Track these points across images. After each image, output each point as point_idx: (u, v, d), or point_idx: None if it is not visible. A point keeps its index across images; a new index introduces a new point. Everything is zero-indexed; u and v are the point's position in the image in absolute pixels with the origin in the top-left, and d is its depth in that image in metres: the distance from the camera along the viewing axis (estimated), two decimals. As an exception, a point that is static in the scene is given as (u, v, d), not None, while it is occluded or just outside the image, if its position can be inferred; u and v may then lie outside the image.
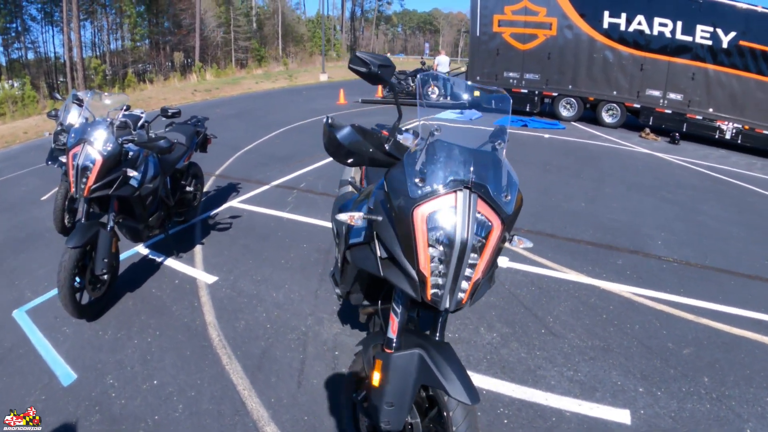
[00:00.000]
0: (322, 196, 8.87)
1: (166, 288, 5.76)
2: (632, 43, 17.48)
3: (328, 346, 4.63)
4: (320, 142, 2.68)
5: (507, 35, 19.36)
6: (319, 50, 62.39)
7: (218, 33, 55.66)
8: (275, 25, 67.69)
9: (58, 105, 12.72)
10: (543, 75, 19.24)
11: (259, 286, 5.73)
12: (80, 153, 4.94)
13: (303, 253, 6.56)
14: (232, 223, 7.53)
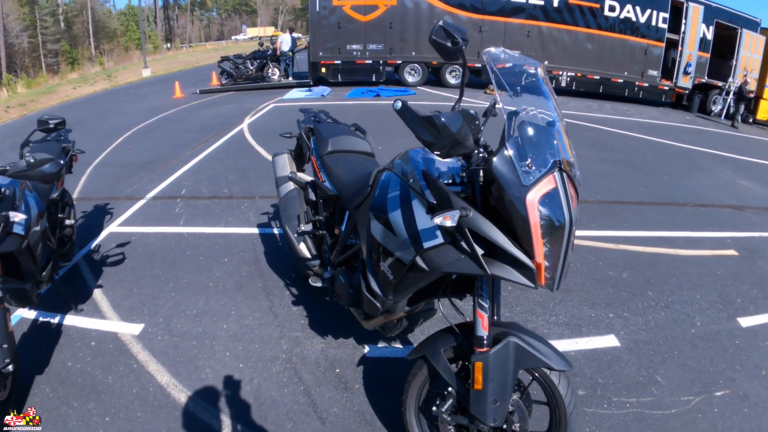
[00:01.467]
0: (213, 200, 8.07)
1: (85, 355, 4.51)
2: (470, 8, 18.89)
3: (323, 366, 4.20)
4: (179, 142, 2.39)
5: (347, 8, 19.51)
6: (135, 44, 59.93)
7: (24, 38, 51.60)
8: (85, 22, 63.74)
9: None
10: (386, 44, 19.71)
11: (200, 321, 4.88)
12: None
13: (228, 269, 5.82)
14: (123, 252, 6.32)
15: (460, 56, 2.56)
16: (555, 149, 2.27)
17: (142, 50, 40.97)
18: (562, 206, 2.18)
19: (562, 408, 2.59)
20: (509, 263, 2.27)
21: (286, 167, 4.95)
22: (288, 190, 4.75)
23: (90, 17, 64.17)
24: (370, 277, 3.00)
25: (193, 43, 78.81)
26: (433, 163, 2.68)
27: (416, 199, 2.57)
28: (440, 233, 2.41)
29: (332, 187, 4.02)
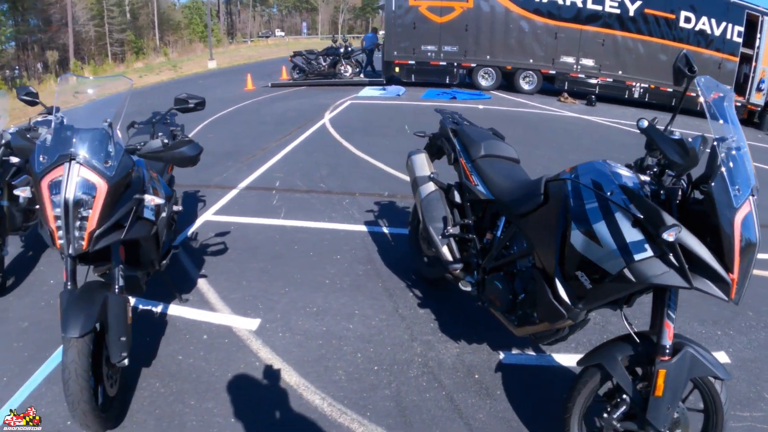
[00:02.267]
0: (311, 194, 7.82)
1: (197, 349, 4.28)
2: (546, 14, 18.23)
3: (461, 372, 3.94)
4: (259, 133, 2.39)
5: (423, 8, 19.24)
6: (198, 37, 60.76)
7: (91, 27, 52.63)
8: (150, 14, 64.98)
9: None
10: (461, 47, 19.33)
11: (322, 319, 4.62)
12: (66, 180, 3.10)
13: (343, 267, 5.55)
14: (224, 242, 6.10)
15: (686, 83, 2.77)
16: (750, 174, 2.44)
17: (209, 42, 41.35)
18: (755, 227, 2.36)
19: (720, 415, 2.69)
20: (708, 277, 2.41)
21: (425, 167, 4.74)
22: (429, 191, 4.54)
23: (155, 9, 65.26)
24: (559, 284, 2.98)
25: (254, 38, 79.56)
26: (620, 177, 2.78)
27: (619, 212, 2.63)
28: (649, 246, 2.52)
29: (486, 192, 3.95)
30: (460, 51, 19.31)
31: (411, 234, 5.37)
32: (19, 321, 4.98)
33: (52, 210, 3.11)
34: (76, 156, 3.15)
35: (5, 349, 4.57)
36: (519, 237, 3.59)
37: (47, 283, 5.68)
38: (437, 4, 19.01)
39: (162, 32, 66.50)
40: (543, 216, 3.22)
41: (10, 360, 4.38)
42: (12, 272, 5.84)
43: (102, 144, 3.26)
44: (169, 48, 55.50)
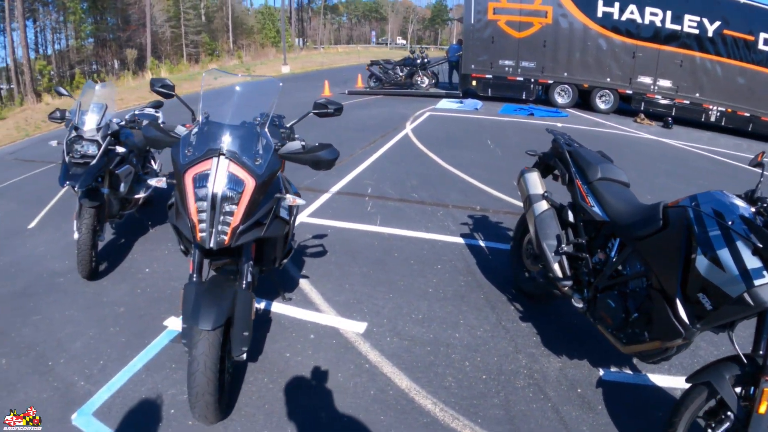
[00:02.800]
0: (403, 203, 7.93)
1: (304, 348, 4.42)
2: (624, 32, 17.83)
3: (564, 385, 3.99)
4: (342, 140, 2.61)
5: (502, 23, 19.10)
6: (270, 42, 61.59)
7: (167, 28, 53.92)
8: (224, 17, 66.22)
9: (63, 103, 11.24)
10: (538, 63, 19.13)
11: (429, 326, 4.70)
12: (213, 174, 3.17)
13: (444, 277, 5.62)
14: (322, 244, 6.34)
15: None
16: None
17: (283, 47, 41.85)
18: None
19: None
20: None
21: (538, 186, 4.84)
22: (543, 209, 4.63)
23: (230, 14, 66.49)
24: (680, 305, 3.12)
25: (324, 45, 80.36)
26: (737, 207, 2.97)
27: (740, 240, 2.82)
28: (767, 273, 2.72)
29: (602, 213, 4.03)
30: (538, 67, 19.10)
31: (513, 249, 5.43)
32: (115, 306, 5.29)
33: (194, 202, 3.18)
34: (225, 151, 3.25)
35: (101, 332, 4.85)
36: (633, 258, 3.67)
37: (142, 271, 6.00)
38: (516, 18, 18.86)
39: (235, 36, 67.74)
40: (663, 240, 3.33)
41: (107, 344, 4.65)
42: (104, 258, 6.24)
43: (252, 141, 3.39)
44: (243, 51, 56.51)
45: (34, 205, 8.88)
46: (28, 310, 5.41)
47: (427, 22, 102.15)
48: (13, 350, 4.73)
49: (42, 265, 6.46)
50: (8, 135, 18.48)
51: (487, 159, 10.21)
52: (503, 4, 18.93)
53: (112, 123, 6.18)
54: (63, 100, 25.59)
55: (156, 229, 7.28)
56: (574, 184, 4.39)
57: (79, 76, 39.65)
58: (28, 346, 4.74)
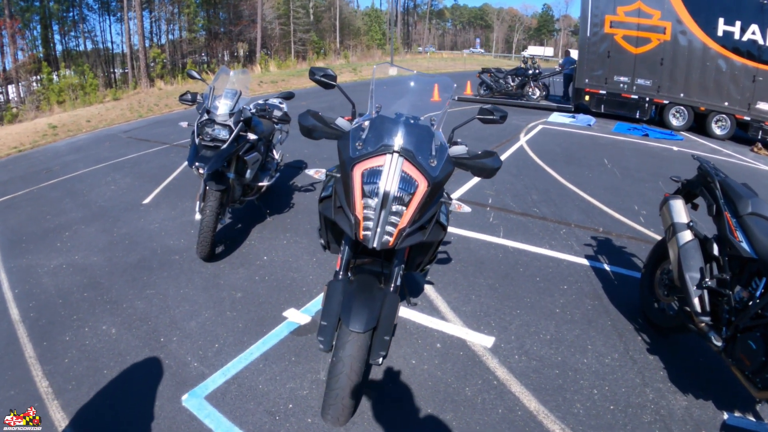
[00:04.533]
0: (525, 217, 7.84)
1: (431, 357, 4.42)
2: (745, 53, 16.76)
3: (690, 426, 3.85)
4: None
5: (619, 37, 18.52)
6: (376, 44, 62.10)
7: (276, 24, 55.15)
8: (332, 18, 67.30)
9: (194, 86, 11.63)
10: (654, 81, 18.33)
11: (557, 348, 4.64)
12: (387, 172, 3.06)
13: (570, 298, 5.55)
14: (446, 251, 6.34)
15: None
16: None
17: (390, 50, 42.25)
18: None
19: None
20: None
21: (683, 214, 4.67)
22: (687, 239, 4.45)
23: (337, 14, 67.49)
24: None
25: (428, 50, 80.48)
26: None
27: None
28: None
29: (751, 250, 3.85)
30: (654, 86, 18.31)
31: (644, 277, 5.31)
32: (233, 290, 5.57)
33: (361, 199, 3.07)
34: (400, 149, 3.12)
35: (218, 314, 5.10)
36: None
37: (261, 259, 6.27)
38: (634, 33, 18.19)
39: (342, 36, 68.74)
40: None
41: (224, 327, 4.87)
42: (221, 242, 6.64)
43: (428, 141, 3.26)
44: (349, 51, 57.21)
45: (149, 182, 9.45)
46: (142, 283, 5.79)
47: (533, 32, 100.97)
48: (125, 321, 5.05)
49: (156, 240, 6.86)
50: (122, 115, 19.48)
51: (606, 179, 9.97)
52: (621, 18, 18.33)
53: (245, 110, 6.40)
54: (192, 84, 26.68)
55: (274, 218, 7.52)
56: (723, 216, 4.23)
57: (190, 65, 41.06)
58: (140, 319, 5.06)
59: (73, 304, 5.44)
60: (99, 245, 6.87)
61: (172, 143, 13.20)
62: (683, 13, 17.35)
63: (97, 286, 5.78)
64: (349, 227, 3.16)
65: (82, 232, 7.37)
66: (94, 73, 37.48)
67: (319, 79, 3.89)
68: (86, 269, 6.22)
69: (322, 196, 3.58)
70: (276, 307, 5.19)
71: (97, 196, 8.96)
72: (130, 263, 6.28)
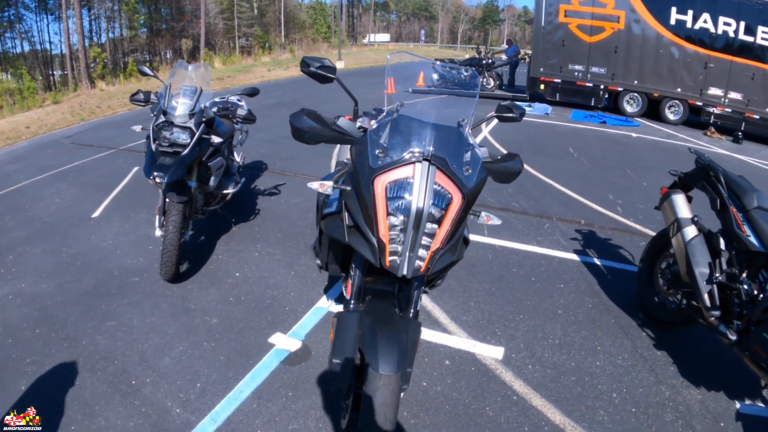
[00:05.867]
0: (507, 212, 7.61)
1: (442, 376, 4.08)
2: (698, 41, 17.29)
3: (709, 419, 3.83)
4: None
5: (573, 26, 18.71)
6: (322, 37, 61.83)
7: (220, 20, 54.47)
8: (276, 11, 66.71)
9: (146, 85, 10.91)
10: (609, 69, 18.67)
11: (568, 353, 4.46)
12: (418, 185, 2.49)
13: (570, 297, 5.37)
14: None
15: None
16: None
17: (338, 43, 42.06)
18: None
19: None
20: None
21: (686, 209, 4.62)
22: (693, 234, 4.38)
23: (282, 8, 66.93)
24: None
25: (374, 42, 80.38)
26: None
27: None
28: None
29: (759, 244, 3.88)
30: (608, 73, 18.64)
31: (642, 272, 5.22)
32: (206, 316, 4.95)
33: (386, 218, 2.51)
34: (431, 156, 2.53)
35: (193, 346, 4.50)
36: None
37: (232, 276, 5.70)
38: (588, 22, 18.40)
39: (287, 30, 68.17)
40: None
41: (203, 362, 4.29)
42: (184, 258, 5.88)
43: (461, 146, 2.69)
44: (294, 45, 56.70)
45: (97, 192, 8.65)
46: (101, 314, 5.04)
47: (477, 22, 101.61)
48: (87, 362, 4.34)
49: (112, 260, 6.14)
50: (63, 119, 18.75)
51: (575, 168, 9.93)
52: (575, 7, 18.51)
53: (207, 109, 5.72)
54: (145, 83, 25.80)
55: (240, 227, 6.98)
56: (728, 210, 4.18)
57: (132, 64, 40.10)
58: (105, 359, 4.36)
59: (25, 343, 4.64)
60: (47, 269, 6.03)
61: (118, 147, 12.41)
62: (637, 2, 17.68)
63: (50, 320, 4.96)
64: (370, 252, 2.58)
65: (27, 255, 6.46)
66: (32, 75, 36.50)
67: (314, 72, 3.22)
68: (36, 299, 5.36)
69: (326, 213, 3.10)
70: (259, 333, 4.66)
71: (41, 211, 8.05)
72: (85, 289, 5.51)
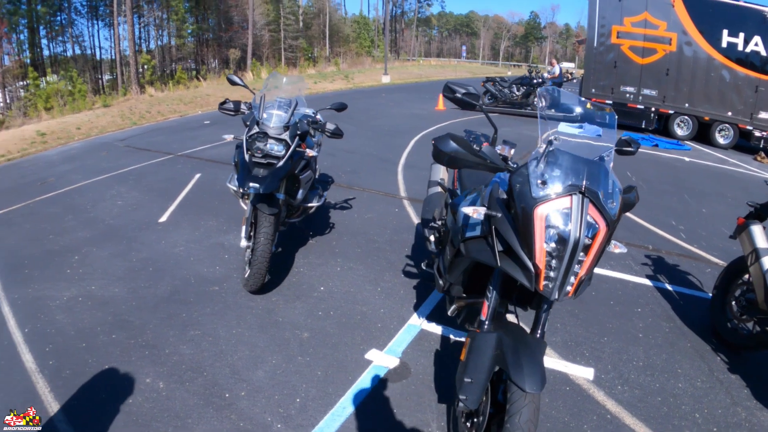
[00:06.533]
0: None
1: (542, 396, 4.25)
2: (749, 65, 17.00)
3: None
4: None
5: (625, 47, 18.68)
6: (365, 51, 62.12)
7: (266, 31, 55.09)
8: (321, 24, 67.39)
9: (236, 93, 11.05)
10: (660, 91, 18.53)
11: (652, 374, 4.59)
12: (576, 216, 2.66)
13: (648, 321, 5.49)
14: None
15: None
16: None
17: (384, 57, 42.33)
18: None
19: None
20: None
21: (764, 240, 4.78)
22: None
23: (327, 21, 67.54)
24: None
25: (416, 57, 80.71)
26: None
27: None
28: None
29: None
30: (659, 96, 18.51)
31: (716, 298, 5.35)
32: (296, 329, 5.00)
33: (543, 245, 2.68)
34: (586, 189, 2.69)
35: (287, 360, 4.53)
36: None
37: (317, 290, 5.76)
38: (640, 44, 18.35)
39: (332, 43, 68.79)
40: None
41: (300, 377, 4.30)
42: None
43: (606, 180, 2.81)
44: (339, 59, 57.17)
45: (160, 197, 8.80)
46: (183, 322, 5.08)
47: (519, 39, 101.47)
48: (173, 372, 4.33)
49: (186, 267, 6.21)
50: (113, 122, 19.18)
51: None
52: (627, 28, 18.47)
53: (302, 122, 5.80)
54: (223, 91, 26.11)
55: (317, 241, 7.06)
56: None
57: (180, 71, 40.90)
58: (192, 369, 4.36)
59: (101, 348, 4.64)
60: (117, 273, 6.12)
61: (175, 153, 12.72)
62: (689, 24, 17.53)
63: (126, 326, 5.00)
64: (525, 277, 2.74)
65: (93, 256, 6.58)
66: (83, 78, 37.16)
67: (459, 98, 3.45)
68: (108, 303, 5.43)
69: (469, 236, 3.20)
70: (354, 349, 4.70)
71: (103, 213, 8.23)
72: (161, 296, 5.57)
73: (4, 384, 4.27)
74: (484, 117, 3.65)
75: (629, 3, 18.30)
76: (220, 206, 8.49)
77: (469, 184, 4.28)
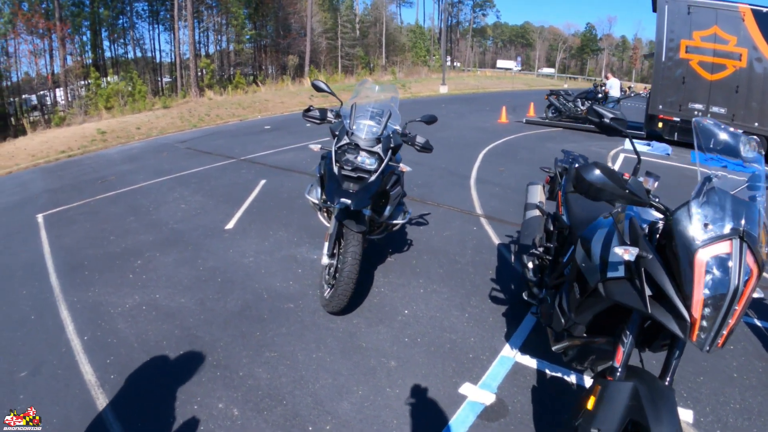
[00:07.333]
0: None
1: None
2: None
3: None
4: None
5: (694, 63, 18.03)
6: (421, 60, 62.12)
7: (324, 39, 55.56)
8: (377, 33, 67.72)
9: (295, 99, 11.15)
10: (729, 109, 17.77)
11: (749, 418, 4.29)
12: (737, 262, 2.41)
13: (741, 361, 5.17)
14: None
15: None
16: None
17: (443, 67, 42.32)
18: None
19: None
20: None
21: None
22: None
23: (384, 30, 67.80)
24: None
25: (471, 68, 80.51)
26: None
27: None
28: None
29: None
30: (728, 114, 17.69)
31: None
32: (382, 357, 4.68)
33: (701, 292, 2.45)
34: (744, 234, 2.46)
35: (374, 391, 4.24)
36: None
37: (401, 313, 5.46)
38: (709, 59, 17.65)
39: (388, 51, 69.02)
40: None
41: (390, 411, 4.01)
42: None
43: (759, 223, 2.56)
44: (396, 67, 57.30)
45: (225, 202, 8.66)
46: (257, 342, 4.85)
47: (575, 51, 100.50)
48: (248, 398, 4.09)
49: (257, 280, 5.97)
50: (173, 123, 19.50)
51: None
52: (696, 43, 17.85)
53: (396, 135, 5.49)
54: None
55: (395, 259, 6.78)
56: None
57: (238, 76, 41.49)
58: (270, 396, 4.11)
59: (167, 365, 4.50)
60: (183, 281, 5.96)
61: (238, 158, 12.68)
62: (759, 39, 16.90)
63: (195, 342, 4.80)
64: (678, 327, 2.53)
65: (157, 262, 6.48)
66: (143, 80, 37.87)
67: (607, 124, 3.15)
68: (174, 315, 5.26)
69: (611, 277, 2.89)
70: (446, 382, 4.34)
71: (166, 216, 8.14)
72: (231, 310, 5.34)
73: (62, 396, 4.13)
74: (549, 131, 3.56)
75: (698, 16, 17.70)
76: (289, 216, 8.34)
77: (578, 211, 4.16)
